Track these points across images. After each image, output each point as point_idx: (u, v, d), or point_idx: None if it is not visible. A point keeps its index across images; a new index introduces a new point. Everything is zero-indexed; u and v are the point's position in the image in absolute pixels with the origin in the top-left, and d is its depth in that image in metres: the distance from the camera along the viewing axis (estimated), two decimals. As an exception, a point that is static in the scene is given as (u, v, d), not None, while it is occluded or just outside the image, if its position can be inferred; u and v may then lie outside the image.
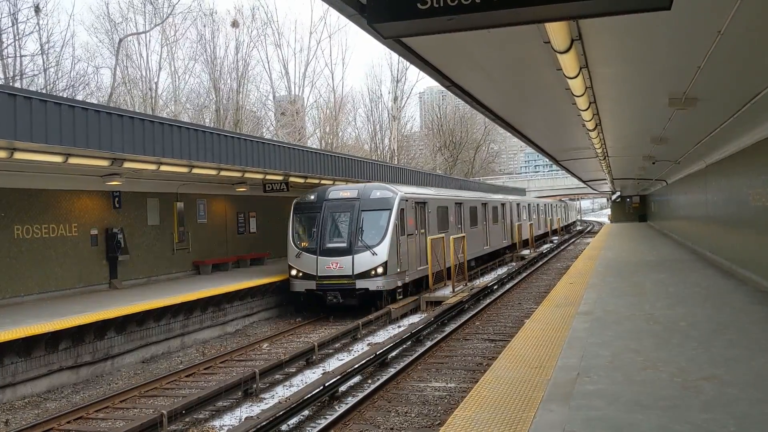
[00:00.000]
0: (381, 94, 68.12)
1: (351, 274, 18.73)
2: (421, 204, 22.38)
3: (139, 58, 44.94)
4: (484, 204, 33.01)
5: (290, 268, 19.60)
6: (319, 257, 19.07)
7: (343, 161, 24.58)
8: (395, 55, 59.14)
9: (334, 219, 19.71)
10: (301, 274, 19.25)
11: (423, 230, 22.38)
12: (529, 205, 46.82)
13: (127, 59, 43.93)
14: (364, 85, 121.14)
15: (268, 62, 68.57)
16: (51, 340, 12.70)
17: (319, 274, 18.99)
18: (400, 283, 19.80)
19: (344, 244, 19.14)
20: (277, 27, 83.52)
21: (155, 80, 45.20)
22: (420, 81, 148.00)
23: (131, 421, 9.52)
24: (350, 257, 18.82)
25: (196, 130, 16.15)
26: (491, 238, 33.77)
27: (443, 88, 10.55)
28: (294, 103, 53.60)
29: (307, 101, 56.58)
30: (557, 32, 6.19)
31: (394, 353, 14.10)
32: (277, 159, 19.40)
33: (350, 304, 19.04)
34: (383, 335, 16.79)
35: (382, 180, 26.58)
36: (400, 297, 19.91)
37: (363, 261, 18.80)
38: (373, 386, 11.50)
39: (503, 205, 37.88)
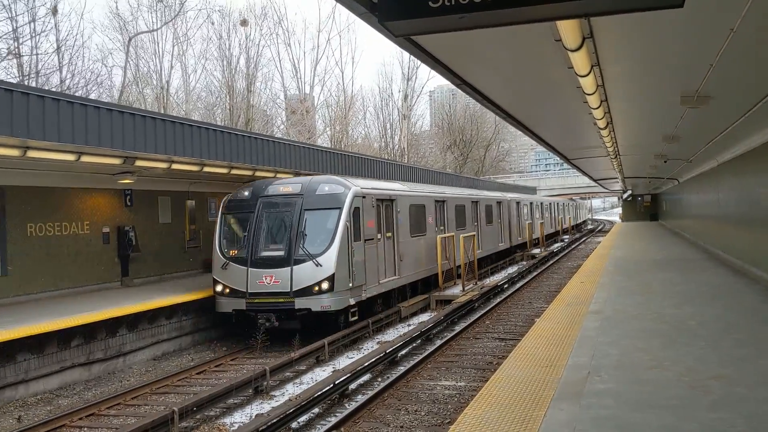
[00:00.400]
0: (391, 93, 68.20)
1: (289, 290, 14.91)
2: (387, 202, 18.58)
3: (152, 56, 45.18)
4: (475, 202, 28.98)
5: (215, 282, 15.70)
6: (249, 269, 15.22)
7: (353, 159, 24.62)
8: (406, 54, 58.99)
9: (270, 221, 15.96)
10: (228, 291, 15.42)
11: (390, 233, 18.67)
12: (531, 203, 43.89)
13: (139, 58, 44.19)
14: (375, 83, 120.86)
15: (280, 61, 68.82)
16: (63, 337, 12.79)
17: (249, 291, 15.14)
18: (353, 301, 15.75)
19: (281, 253, 15.30)
20: (287, 26, 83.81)
21: (167, 79, 45.45)
22: (431, 79, 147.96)
23: (142, 418, 9.58)
24: (288, 269, 15.00)
25: (207, 128, 16.22)
26: (483, 241, 29.29)
27: (454, 87, 10.56)
28: (304, 101, 53.68)
29: (318, 100, 56.73)
30: (568, 30, 6.19)
31: (404, 351, 14.12)
32: (287, 157, 19.44)
33: (289, 328, 15.30)
34: (393, 333, 16.81)
35: (393, 179, 26.51)
36: (354, 318, 16.03)
37: (304, 274, 14.97)
38: (383, 384, 11.51)
39: (499, 203, 33.79)
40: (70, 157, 13.27)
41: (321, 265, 14.96)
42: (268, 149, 18.41)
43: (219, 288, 15.57)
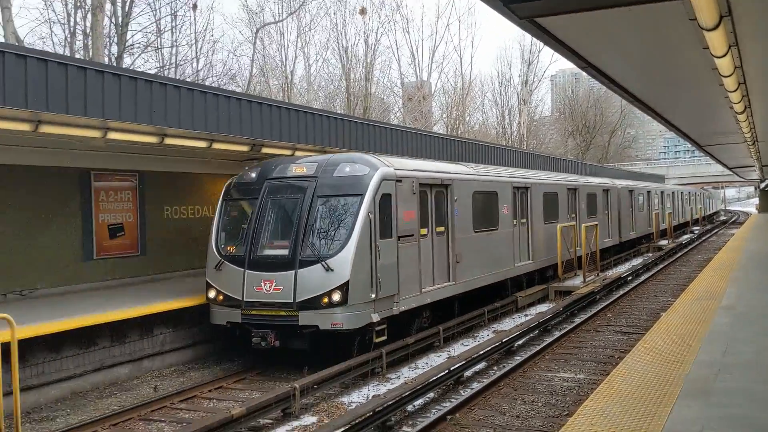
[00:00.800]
0: (510, 77, 66.98)
1: (291, 300, 11.68)
2: (438, 188, 14.65)
3: (277, 47, 46.81)
4: (572, 189, 23.96)
5: (207, 286, 12.77)
6: (247, 271, 12.16)
7: (469, 146, 24.43)
8: (527, 38, 58.04)
9: (275, 210, 12.81)
10: (221, 298, 12.42)
11: (443, 228, 14.78)
12: (650, 192, 38.21)
13: (266, 49, 45.91)
14: (493, 68, 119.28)
15: (397, 48, 69.41)
16: (195, 314, 13.58)
17: (245, 299, 12.03)
18: (377, 317, 12.02)
19: (285, 252, 12.09)
20: (405, 12, 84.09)
21: (291, 69, 46.98)
22: (553, 63, 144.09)
23: (266, 393, 10.03)
24: (291, 273, 11.77)
25: (328, 116, 16.63)
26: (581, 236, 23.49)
27: (577, 71, 10.28)
28: (421, 88, 53.82)
29: (435, 86, 56.72)
30: (704, 8, 5.85)
31: (520, 342, 13.95)
32: (403, 144, 19.58)
33: (296, 348, 12.15)
34: (509, 323, 16.64)
35: (509, 166, 26.04)
36: (382, 338, 12.34)
37: (311, 280, 11.66)
38: (498, 373, 11.47)
39: (606, 191, 28.50)
40: (203, 144, 14.02)
41: (332, 270, 11.57)
42: (384, 136, 18.62)
43: (212, 294, 12.61)
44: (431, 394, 10.46)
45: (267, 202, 12.74)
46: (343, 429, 8.35)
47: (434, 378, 10.55)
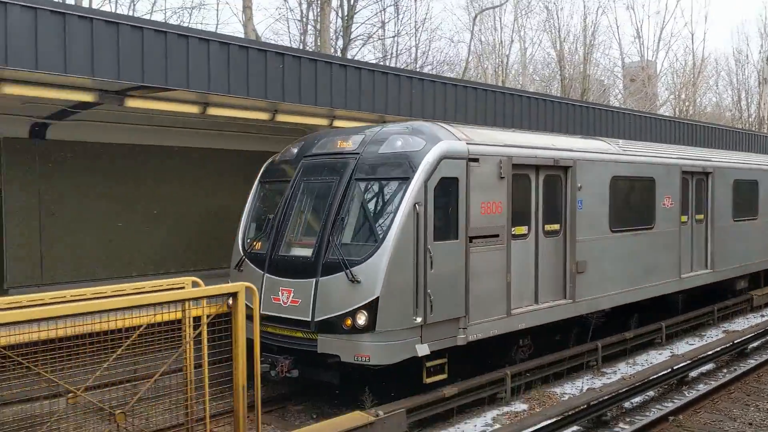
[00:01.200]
0: (748, 55, 60.40)
1: (309, 318, 8.73)
2: (550, 171, 10.84)
3: (493, 32, 46.62)
4: None
5: None
6: (266, 275, 9.31)
7: (699, 129, 22.50)
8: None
9: (307, 197, 9.85)
10: None
11: (557, 225, 11.00)
12: None
13: (482, 33, 45.94)
14: (729, 45, 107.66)
15: (618, 28, 65.52)
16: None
17: (262, 311, 8.50)
18: (425, 350, 8.73)
19: (308, 253, 9.13)
20: (631, -11, 78.99)
21: (507, 53, 46.55)
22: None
23: (480, 376, 10.07)
24: (312, 282, 8.81)
25: (545, 100, 16.29)
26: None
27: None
28: (646, 68, 50.50)
29: (661, 66, 52.87)
30: None
31: (755, 344, 12.78)
32: (624, 126, 18.56)
33: (320, 380, 9.25)
34: (742, 323, 15.27)
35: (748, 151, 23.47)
36: (440, 376, 9.13)
37: (334, 292, 8.67)
38: (729, 376, 10.65)
39: None
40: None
41: (358, 281, 8.45)
42: (601, 118, 17.79)
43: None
44: (651, 393, 9.97)
45: (299, 187, 9.83)
46: (555, 419, 8.23)
47: (655, 376, 10.05)
